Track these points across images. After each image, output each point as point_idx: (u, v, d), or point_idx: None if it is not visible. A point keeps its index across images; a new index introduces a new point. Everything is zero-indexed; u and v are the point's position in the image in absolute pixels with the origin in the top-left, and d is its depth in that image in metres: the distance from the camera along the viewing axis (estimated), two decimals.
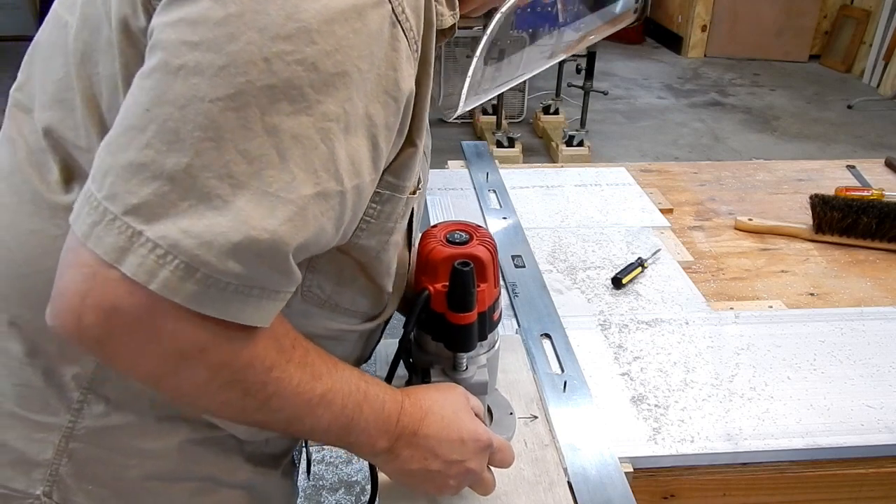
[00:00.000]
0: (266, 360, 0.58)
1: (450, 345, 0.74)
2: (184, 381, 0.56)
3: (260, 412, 0.60)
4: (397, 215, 0.67)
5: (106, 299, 0.50)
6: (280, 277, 0.54)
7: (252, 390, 0.58)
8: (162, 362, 0.54)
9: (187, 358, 0.54)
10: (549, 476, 0.80)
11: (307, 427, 0.63)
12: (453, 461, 0.69)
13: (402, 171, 0.65)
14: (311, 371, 0.62)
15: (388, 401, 0.67)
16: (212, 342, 0.54)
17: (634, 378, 0.96)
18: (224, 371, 0.56)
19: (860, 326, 1.07)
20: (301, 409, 0.61)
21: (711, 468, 0.85)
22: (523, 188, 1.47)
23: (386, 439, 0.67)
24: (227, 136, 0.50)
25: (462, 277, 0.69)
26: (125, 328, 0.51)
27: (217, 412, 0.62)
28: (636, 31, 6.56)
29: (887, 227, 1.27)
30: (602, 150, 4.26)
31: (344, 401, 0.64)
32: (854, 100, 5.12)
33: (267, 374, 0.58)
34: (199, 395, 0.58)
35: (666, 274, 1.20)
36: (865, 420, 0.89)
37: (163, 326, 0.51)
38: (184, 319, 0.52)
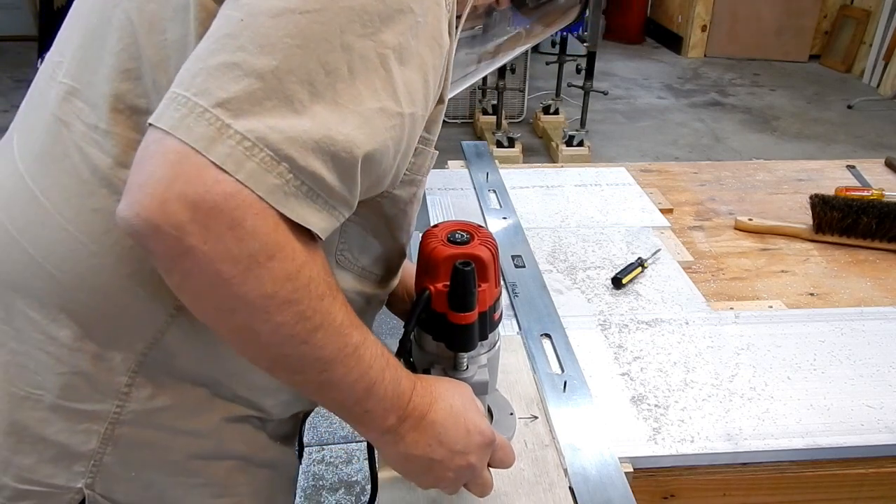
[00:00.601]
0: (320, 287, 0.59)
1: (451, 344, 0.74)
2: (250, 289, 0.55)
3: (305, 345, 0.59)
4: (426, 168, 0.71)
5: (193, 185, 0.51)
6: (344, 189, 0.57)
7: (306, 314, 0.58)
8: (234, 262, 0.54)
9: (258, 262, 0.54)
10: (549, 476, 0.80)
11: (337, 377, 0.62)
12: (456, 452, 0.69)
13: (432, 125, 0.69)
14: (350, 318, 0.62)
15: (403, 377, 0.67)
16: (282, 246, 0.55)
17: (634, 378, 0.96)
18: (287, 285, 0.56)
19: (860, 326, 1.07)
20: (339, 352, 0.61)
21: (711, 468, 0.85)
22: (523, 188, 1.47)
23: (395, 417, 0.66)
24: (312, 46, 0.54)
25: (463, 277, 0.69)
26: (208, 216, 0.52)
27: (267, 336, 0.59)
28: (636, 31, 6.56)
29: (887, 227, 1.27)
30: (602, 150, 4.26)
31: (371, 360, 0.64)
32: (854, 100, 5.12)
33: (319, 302, 0.59)
34: (259, 310, 0.57)
35: (666, 274, 1.20)
36: (865, 420, 0.89)
37: (243, 220, 0.53)
38: (262, 216, 0.53)
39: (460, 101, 4.56)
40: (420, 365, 0.78)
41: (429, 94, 0.63)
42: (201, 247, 0.52)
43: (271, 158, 0.53)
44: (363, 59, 0.56)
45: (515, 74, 4.24)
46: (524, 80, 4.49)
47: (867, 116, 4.93)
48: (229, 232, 0.52)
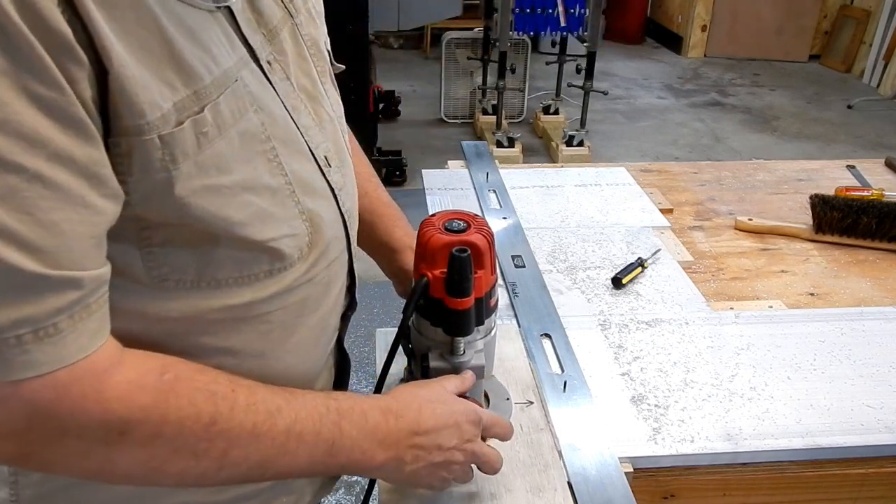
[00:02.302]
0: (201, 417, 0.54)
1: (448, 329, 0.75)
2: (124, 466, 0.52)
3: (223, 470, 0.56)
4: (159, 162, 0.52)
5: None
6: (65, 292, 0.48)
7: (200, 452, 0.54)
8: (91, 456, 0.52)
9: (112, 444, 0.51)
10: (544, 458, 0.82)
11: (285, 467, 0.59)
12: (454, 447, 0.69)
13: (121, 107, 0.49)
14: (265, 409, 0.57)
15: (368, 411, 0.64)
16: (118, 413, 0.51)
17: (634, 378, 0.96)
18: (158, 442, 0.52)
19: (860, 326, 1.07)
20: (269, 451, 0.57)
21: (711, 468, 0.85)
22: (523, 188, 1.47)
23: (383, 450, 0.64)
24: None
25: (459, 263, 0.71)
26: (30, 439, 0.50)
27: (179, 485, 0.58)
28: (636, 31, 6.56)
29: (887, 227, 1.27)
30: (602, 150, 4.26)
31: (316, 426, 0.60)
32: (854, 100, 5.12)
33: (209, 431, 0.54)
34: (150, 474, 0.54)
35: (666, 274, 1.20)
36: (865, 420, 0.89)
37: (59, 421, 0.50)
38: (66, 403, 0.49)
39: (460, 102, 4.56)
40: (418, 350, 0.79)
41: (51, 101, 0.45)
42: (52, 461, 0.51)
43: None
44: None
45: (515, 74, 4.24)
46: (524, 80, 4.49)
47: (867, 116, 4.93)
48: (61, 437, 0.50)
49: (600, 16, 3.82)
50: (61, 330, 0.48)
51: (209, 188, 0.55)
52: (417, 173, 1.63)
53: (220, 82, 0.55)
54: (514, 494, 0.77)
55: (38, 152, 0.45)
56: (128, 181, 0.51)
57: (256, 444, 0.57)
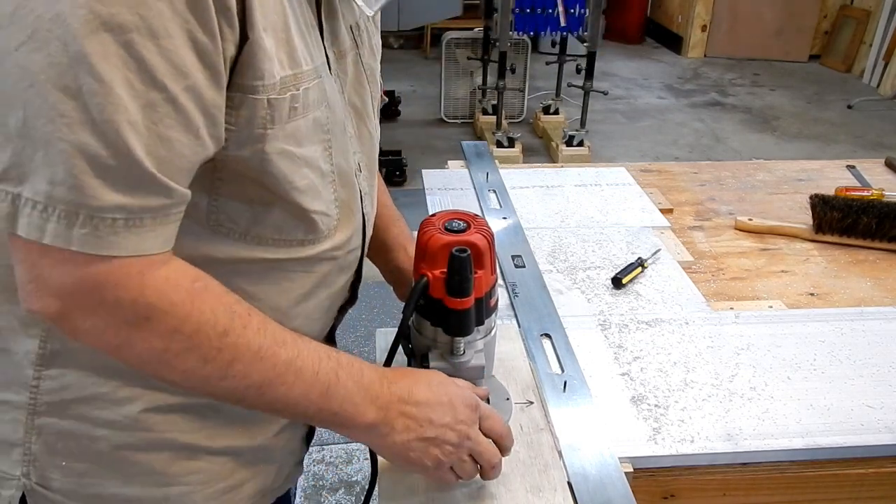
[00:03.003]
0: (220, 321, 0.60)
1: (448, 329, 0.75)
2: (141, 350, 0.59)
3: (225, 380, 0.62)
4: (261, 119, 0.63)
5: (45, 279, 0.56)
6: (159, 196, 0.57)
7: (209, 356, 0.60)
8: (116, 332, 0.58)
9: (137, 326, 0.58)
10: (544, 458, 0.82)
11: (280, 395, 0.64)
12: (446, 425, 0.70)
13: (246, 68, 0.60)
14: (273, 337, 0.64)
15: (365, 369, 0.69)
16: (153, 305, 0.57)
17: (634, 378, 0.96)
18: (176, 337, 0.59)
19: (860, 326, 1.07)
20: (268, 374, 0.63)
21: (711, 468, 0.85)
22: (523, 188, 1.47)
23: (374, 409, 0.68)
24: (42, 78, 0.51)
25: (459, 263, 0.71)
26: (72, 302, 0.57)
27: (182, 383, 0.63)
28: (636, 31, 6.56)
29: (887, 227, 1.27)
30: (602, 150, 4.26)
31: (315, 367, 0.65)
32: (854, 100, 5.12)
33: (221, 340, 0.60)
34: (159, 363, 0.61)
35: (666, 274, 1.20)
36: (865, 420, 0.89)
37: (101, 293, 0.56)
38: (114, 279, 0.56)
39: (460, 102, 4.56)
40: (418, 350, 0.79)
41: (206, 51, 0.56)
42: (82, 326, 0.58)
43: (66, 212, 0.54)
44: (105, 57, 0.52)
45: (515, 74, 4.24)
46: (524, 80, 4.49)
47: (867, 116, 4.93)
48: (98, 308, 0.57)
49: (600, 16, 3.82)
50: (145, 225, 0.57)
51: (286, 153, 0.66)
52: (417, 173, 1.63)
53: (311, 74, 0.67)
54: (514, 494, 0.77)
55: (181, 81, 0.55)
56: (231, 129, 0.62)
57: (259, 364, 0.62)
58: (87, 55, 0.51)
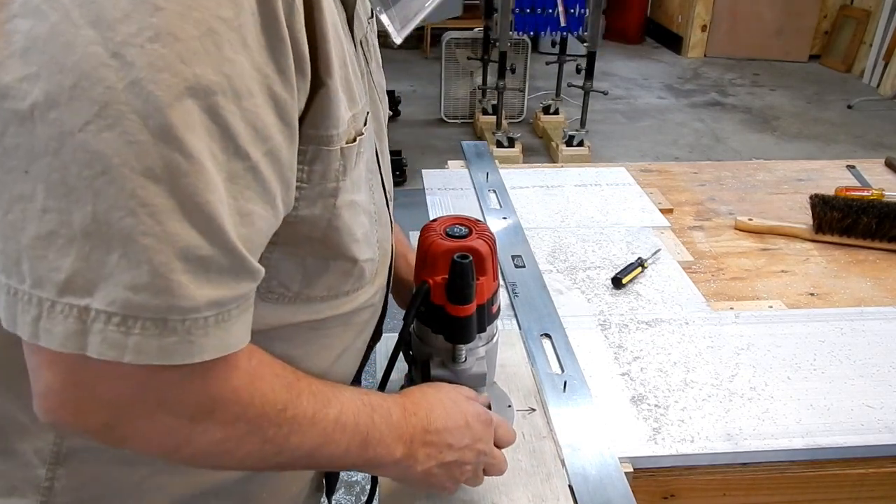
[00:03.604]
0: (277, 402, 0.55)
1: (449, 337, 0.75)
2: (201, 445, 0.52)
3: (281, 455, 0.57)
4: (335, 171, 0.57)
5: (93, 391, 0.47)
6: (248, 281, 0.50)
7: (269, 436, 0.55)
8: (174, 433, 0.50)
9: (198, 422, 0.50)
10: (547, 467, 0.81)
11: (326, 456, 0.60)
12: (465, 446, 0.69)
13: (320, 118, 0.54)
14: (322, 398, 0.59)
15: (392, 406, 0.66)
16: (217, 397, 0.50)
17: (634, 378, 0.96)
18: (239, 425, 0.53)
19: (860, 326, 1.07)
20: (319, 438, 0.58)
21: (711, 468, 0.85)
22: (523, 188, 1.47)
23: (402, 445, 0.65)
24: (116, 162, 0.42)
25: (461, 270, 0.70)
26: (126, 412, 0.48)
27: (237, 467, 0.58)
28: (636, 31, 6.56)
29: (887, 227, 1.27)
30: (602, 150, 4.26)
31: (356, 418, 0.61)
32: (854, 100, 5.12)
33: (280, 416, 0.55)
34: (219, 455, 0.54)
35: (666, 274, 1.20)
36: (865, 420, 0.89)
37: (164, 396, 0.48)
38: (181, 383, 0.48)
39: (460, 102, 4.56)
40: (419, 357, 0.78)
41: (285, 109, 0.50)
42: (133, 434, 0.50)
43: (154, 321, 0.45)
44: (189, 127, 0.44)
45: (515, 74, 4.24)
46: (524, 80, 4.49)
47: (867, 116, 4.93)
48: (151, 413, 0.49)
49: (600, 16, 3.82)
50: (232, 317, 0.49)
51: (351, 203, 0.60)
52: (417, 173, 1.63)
53: (363, 110, 0.61)
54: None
55: (262, 146, 0.48)
56: (303, 188, 0.55)
57: (313, 431, 0.58)
58: (173, 127, 0.43)
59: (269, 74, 0.48)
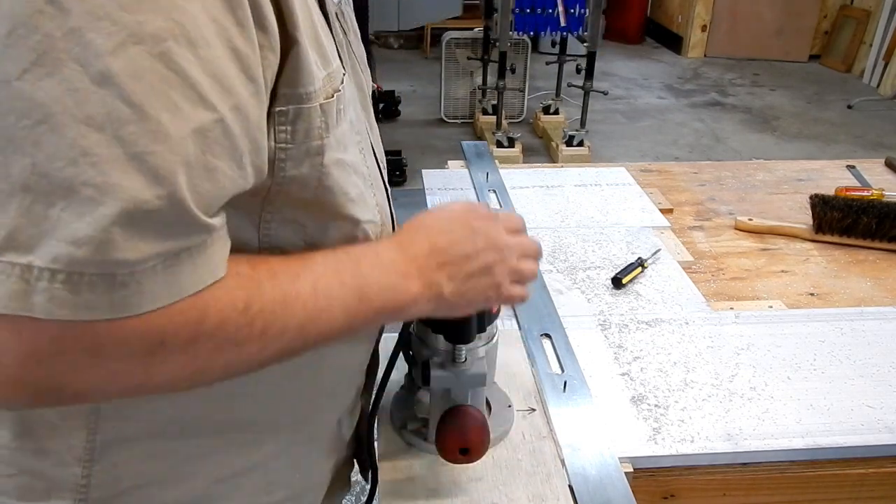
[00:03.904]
0: (236, 304, 0.51)
1: (449, 337, 0.75)
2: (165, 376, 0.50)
3: (266, 349, 0.54)
4: (317, 129, 0.56)
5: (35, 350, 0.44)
6: (200, 235, 0.47)
7: (241, 338, 0.51)
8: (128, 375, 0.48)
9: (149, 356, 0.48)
10: (547, 467, 0.81)
11: (325, 326, 0.57)
12: (482, 249, 0.65)
13: (295, 75, 0.53)
14: (287, 276, 0.55)
15: (382, 249, 0.62)
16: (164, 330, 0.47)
17: (634, 378, 0.96)
18: (200, 345, 0.49)
19: (860, 326, 1.07)
20: (302, 316, 0.55)
21: (711, 468, 0.85)
22: (523, 188, 1.47)
23: (413, 279, 0.61)
24: (57, 110, 0.41)
25: None
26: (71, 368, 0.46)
27: (227, 377, 0.55)
28: (636, 31, 6.56)
29: (887, 227, 1.27)
30: (602, 150, 4.26)
31: (339, 278, 0.58)
32: (854, 100, 5.12)
33: (246, 315, 0.51)
34: (195, 377, 0.52)
35: (666, 274, 1.20)
36: (865, 420, 0.89)
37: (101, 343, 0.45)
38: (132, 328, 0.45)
39: (460, 102, 4.56)
40: (419, 357, 0.79)
41: (249, 65, 0.48)
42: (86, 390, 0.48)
43: (101, 276, 0.43)
44: (136, 76, 0.42)
45: (515, 74, 4.24)
46: (524, 80, 4.49)
47: (867, 116, 4.93)
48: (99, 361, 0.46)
49: (600, 16, 3.82)
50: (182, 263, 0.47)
51: (340, 162, 0.59)
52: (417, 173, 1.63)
53: (338, 71, 0.60)
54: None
55: (227, 99, 0.47)
56: (289, 148, 0.55)
57: (290, 312, 0.54)
58: (115, 75, 0.42)
59: (228, 27, 0.47)
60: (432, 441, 0.76)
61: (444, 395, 0.77)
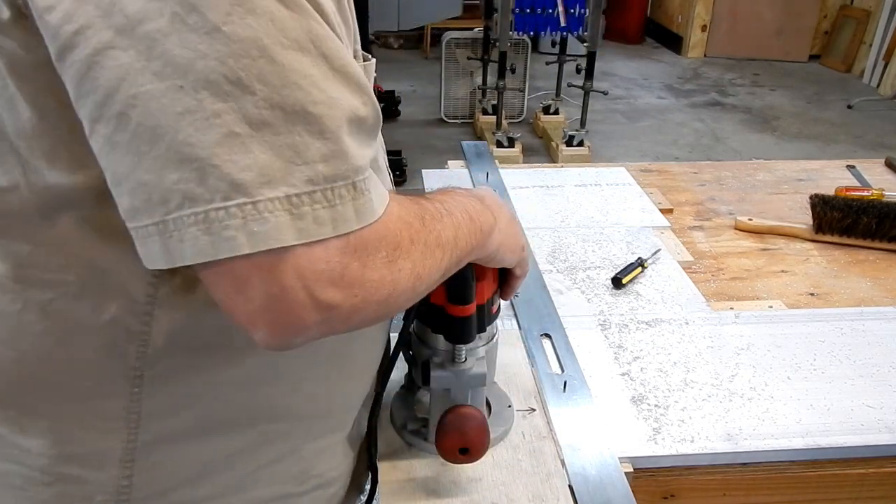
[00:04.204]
0: (416, 213, 0.56)
1: (449, 337, 0.75)
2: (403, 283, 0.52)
3: (445, 254, 0.58)
4: None
5: (315, 276, 0.45)
6: (377, 132, 0.53)
7: (430, 242, 0.56)
8: (384, 283, 0.50)
9: (394, 261, 0.51)
10: (547, 467, 0.81)
11: (464, 238, 0.62)
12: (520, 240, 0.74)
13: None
14: (431, 197, 0.62)
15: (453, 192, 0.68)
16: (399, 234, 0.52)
17: (634, 378, 0.96)
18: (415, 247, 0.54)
19: (860, 326, 1.07)
20: (452, 228, 0.60)
21: (711, 468, 0.85)
22: (523, 188, 1.47)
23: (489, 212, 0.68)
24: (268, 42, 0.44)
25: (461, 270, 0.70)
26: (343, 287, 0.47)
27: (431, 282, 0.58)
28: (636, 31, 6.56)
29: (887, 227, 1.27)
30: (602, 150, 4.26)
31: (452, 201, 0.64)
32: (854, 100, 5.12)
33: (424, 223, 0.56)
34: (416, 284, 0.54)
35: (666, 274, 1.20)
36: (865, 420, 0.89)
37: (362, 253, 0.48)
38: (370, 233, 0.49)
39: (460, 102, 4.56)
40: (419, 357, 0.79)
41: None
42: (351, 300, 0.48)
43: (347, 187, 0.46)
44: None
45: (515, 74, 4.24)
46: (524, 80, 4.49)
47: (867, 116, 4.93)
48: (363, 274, 0.48)
49: (600, 16, 3.82)
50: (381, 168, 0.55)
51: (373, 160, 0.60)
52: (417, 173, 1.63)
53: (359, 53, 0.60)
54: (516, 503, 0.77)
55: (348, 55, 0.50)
56: None
57: (447, 222, 0.59)
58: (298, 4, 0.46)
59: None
60: (432, 441, 0.76)
61: (444, 395, 0.77)
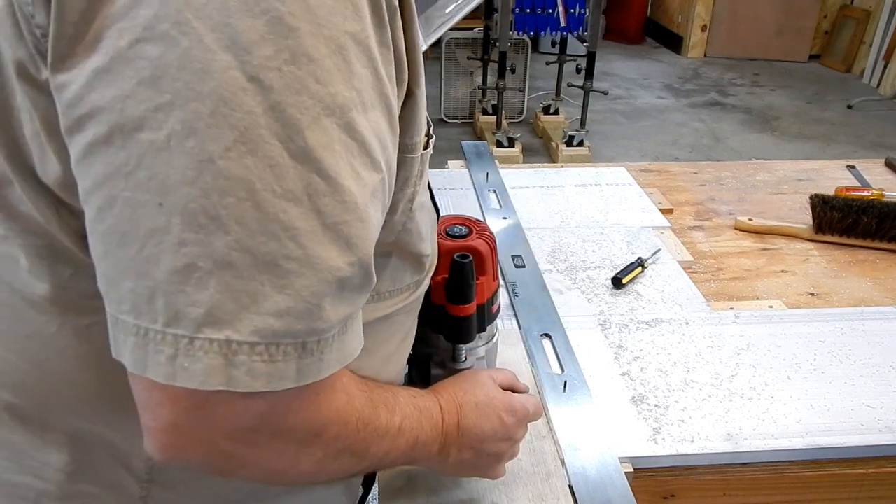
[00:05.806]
0: (363, 418, 0.55)
1: (449, 336, 0.75)
2: (305, 467, 0.52)
3: (360, 465, 0.58)
4: (415, 177, 0.57)
5: (224, 423, 0.45)
6: (367, 291, 0.49)
7: (357, 450, 0.55)
8: (284, 457, 0.50)
9: (307, 444, 0.50)
10: (547, 467, 0.81)
11: (390, 460, 0.61)
12: (498, 440, 0.69)
13: (409, 127, 0.54)
14: (389, 408, 0.59)
15: (431, 406, 0.66)
16: (326, 419, 0.50)
17: (634, 378, 0.96)
18: (338, 442, 0.53)
19: (860, 326, 1.07)
20: (388, 446, 0.59)
21: (711, 468, 0.85)
22: (523, 188, 1.47)
23: (437, 444, 0.66)
24: (259, 187, 0.42)
25: (461, 269, 0.70)
26: (247, 441, 0.47)
27: (328, 480, 0.59)
28: (636, 31, 6.56)
29: (887, 227, 1.27)
30: (602, 150, 4.26)
31: (411, 423, 0.61)
32: (854, 100, 5.12)
33: (365, 430, 0.55)
34: (318, 474, 0.55)
35: (666, 274, 1.20)
36: (865, 420, 0.89)
37: (282, 421, 0.47)
38: (302, 407, 0.48)
39: (460, 102, 4.56)
40: (419, 356, 0.79)
41: (394, 118, 0.50)
42: (248, 463, 0.49)
43: (300, 345, 0.44)
44: (328, 148, 0.43)
45: (515, 74, 4.24)
46: (524, 80, 4.49)
47: (867, 116, 4.93)
48: (273, 440, 0.48)
49: (600, 16, 3.82)
50: (352, 327, 0.49)
51: (423, 204, 0.60)
52: None
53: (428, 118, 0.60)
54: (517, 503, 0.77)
55: (385, 157, 0.48)
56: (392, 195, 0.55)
57: (385, 440, 0.58)
58: (311, 149, 0.42)
59: (384, 83, 0.47)
60: None
61: None
